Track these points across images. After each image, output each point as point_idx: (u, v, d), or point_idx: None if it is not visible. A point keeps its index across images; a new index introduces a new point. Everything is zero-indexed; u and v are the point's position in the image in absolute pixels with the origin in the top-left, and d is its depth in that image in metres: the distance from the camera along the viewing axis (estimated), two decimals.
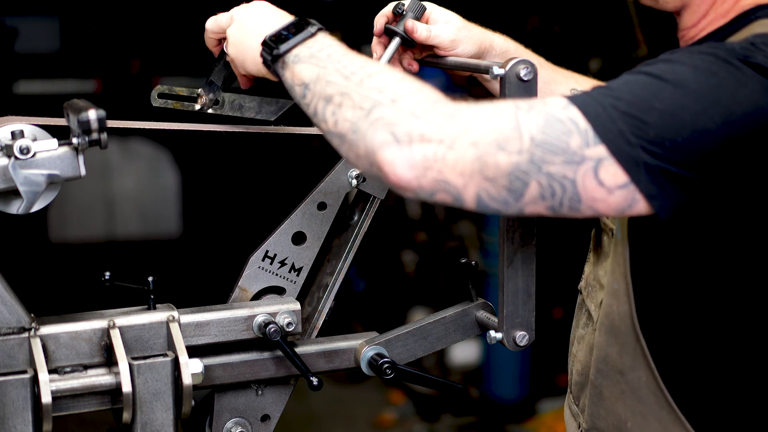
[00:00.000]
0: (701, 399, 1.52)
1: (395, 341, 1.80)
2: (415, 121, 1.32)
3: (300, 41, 1.51)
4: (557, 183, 1.33)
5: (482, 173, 1.32)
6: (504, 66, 1.59)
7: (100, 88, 7.11)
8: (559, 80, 1.91)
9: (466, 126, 1.31)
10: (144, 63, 7.28)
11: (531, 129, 1.32)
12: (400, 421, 5.09)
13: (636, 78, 1.38)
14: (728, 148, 1.34)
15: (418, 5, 1.82)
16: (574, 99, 1.36)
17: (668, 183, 1.35)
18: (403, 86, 1.37)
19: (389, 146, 1.32)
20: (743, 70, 1.36)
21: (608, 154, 1.33)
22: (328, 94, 1.42)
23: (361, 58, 1.46)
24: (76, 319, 1.65)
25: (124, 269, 1.72)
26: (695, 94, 1.34)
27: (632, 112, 1.34)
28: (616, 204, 1.35)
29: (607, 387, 1.61)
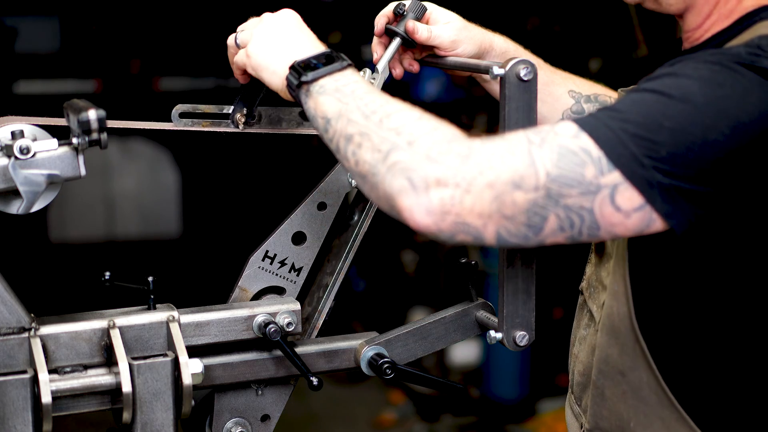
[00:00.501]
0: (704, 396, 1.53)
1: (395, 341, 1.80)
2: (431, 165, 1.32)
3: (328, 73, 1.50)
4: (575, 214, 1.34)
5: (500, 212, 1.33)
6: (504, 66, 1.59)
7: (100, 88, 7.11)
8: (557, 81, 1.91)
9: (481, 167, 1.32)
10: (144, 63, 7.28)
11: (545, 164, 1.32)
12: (400, 421, 5.09)
13: (642, 97, 1.37)
14: (738, 156, 1.35)
15: (419, 6, 1.82)
16: (583, 124, 1.36)
17: (683, 200, 1.35)
18: (420, 127, 1.38)
19: (407, 193, 1.33)
20: (749, 77, 1.36)
21: (623, 179, 1.34)
22: (348, 133, 1.43)
23: (383, 97, 1.46)
24: (76, 319, 1.65)
25: (124, 269, 1.72)
26: (703, 108, 1.34)
27: (642, 134, 1.33)
28: (634, 226, 1.36)
29: (609, 387, 1.61)
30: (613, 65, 4.99)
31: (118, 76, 7.20)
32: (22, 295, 1.62)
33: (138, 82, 7.18)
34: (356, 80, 1.50)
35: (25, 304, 1.61)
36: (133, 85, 7.17)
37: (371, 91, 1.47)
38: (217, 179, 7.03)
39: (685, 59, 1.42)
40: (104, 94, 7.00)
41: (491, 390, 5.04)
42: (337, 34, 6.26)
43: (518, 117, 1.60)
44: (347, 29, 6.18)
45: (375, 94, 1.46)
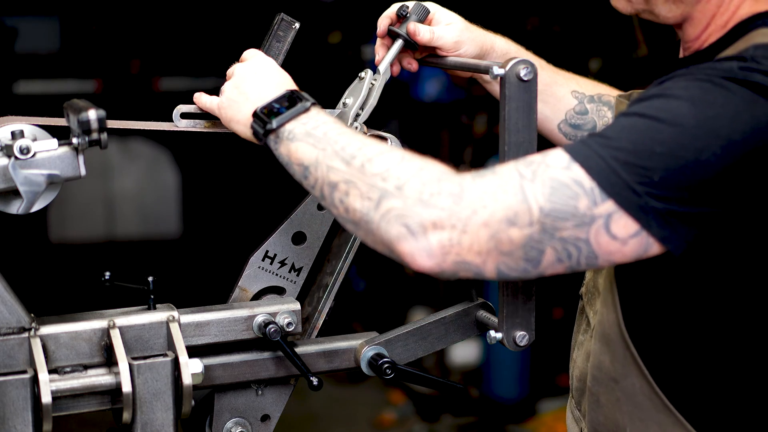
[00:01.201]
0: (699, 399, 1.52)
1: (395, 341, 1.80)
2: (425, 209, 1.34)
3: (293, 116, 1.52)
4: (572, 246, 1.35)
5: (498, 249, 1.34)
6: (504, 66, 1.59)
7: (100, 88, 7.11)
8: (560, 82, 1.91)
9: (474, 206, 1.33)
10: (144, 63, 7.28)
11: (538, 199, 1.33)
12: (400, 421, 5.09)
13: (632, 123, 1.37)
14: (732, 173, 1.35)
15: (422, 8, 1.83)
16: (575, 154, 1.36)
17: (679, 222, 1.35)
18: (406, 169, 1.38)
19: (405, 239, 1.34)
20: (740, 94, 1.36)
21: (617, 208, 1.34)
22: (332, 180, 1.44)
23: (356, 137, 1.47)
24: (76, 319, 1.65)
25: (124, 269, 1.72)
26: (693, 130, 1.34)
27: (634, 161, 1.34)
28: (632, 252, 1.37)
29: (604, 394, 1.61)
30: (613, 65, 4.99)
31: (118, 76, 7.19)
32: (22, 295, 1.62)
33: (138, 82, 7.18)
34: (324, 120, 1.52)
35: (25, 304, 1.61)
36: (133, 85, 7.16)
37: (343, 132, 1.48)
38: (217, 179, 7.03)
39: (677, 76, 1.41)
40: (104, 94, 7.00)
41: (491, 390, 5.04)
42: (337, 34, 6.26)
43: (518, 117, 1.60)
44: (347, 29, 6.18)
45: (348, 136, 1.47)
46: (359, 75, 1.84)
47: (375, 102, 1.82)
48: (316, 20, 6.13)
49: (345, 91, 1.85)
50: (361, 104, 1.82)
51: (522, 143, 1.61)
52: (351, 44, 5.97)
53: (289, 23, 1.78)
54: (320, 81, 5.87)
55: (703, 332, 1.50)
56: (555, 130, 1.92)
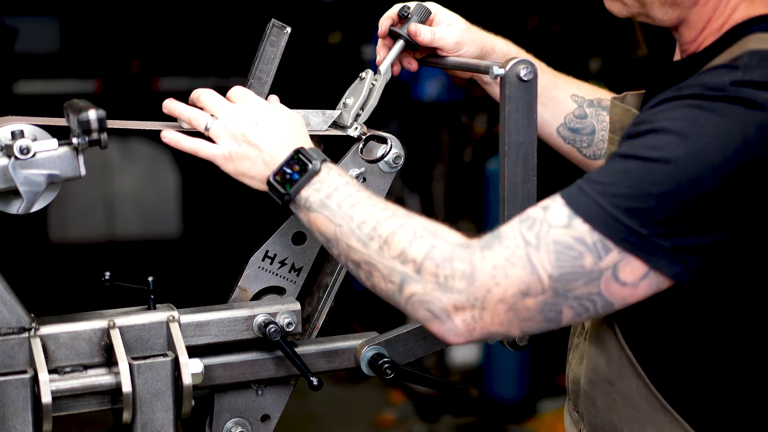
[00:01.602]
0: (695, 398, 1.52)
1: (395, 341, 1.80)
2: (444, 294, 1.41)
3: (306, 183, 1.57)
4: (586, 301, 1.40)
5: (518, 318, 1.41)
6: (504, 66, 1.59)
7: (100, 88, 7.10)
8: (559, 85, 1.91)
9: (488, 286, 1.39)
10: (144, 63, 7.28)
11: (546, 267, 1.38)
12: (400, 421, 5.09)
13: (625, 166, 1.38)
14: (732, 193, 1.36)
15: (424, 9, 1.83)
16: (575, 206, 1.39)
17: (688, 255, 1.37)
18: (419, 249, 1.44)
19: (432, 322, 1.43)
20: (731, 114, 1.36)
21: (623, 255, 1.37)
22: (354, 259, 1.51)
23: (368, 207, 1.51)
24: (76, 319, 1.65)
25: (124, 269, 1.72)
26: (685, 164, 1.35)
27: (633, 205, 1.36)
28: (644, 292, 1.40)
29: (600, 397, 1.60)
30: (613, 65, 4.99)
31: (118, 76, 7.19)
32: (22, 295, 1.62)
33: (138, 82, 7.17)
34: (336, 185, 1.55)
35: (25, 304, 1.61)
36: (133, 85, 7.16)
37: (355, 202, 1.52)
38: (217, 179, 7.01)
39: (666, 102, 1.41)
40: (104, 94, 6.99)
41: (491, 390, 5.04)
42: (337, 34, 6.26)
43: (518, 117, 1.60)
44: (347, 29, 6.18)
45: (361, 207, 1.52)
46: (360, 75, 1.84)
47: (375, 102, 1.82)
48: (316, 20, 6.13)
49: (345, 91, 1.85)
50: (361, 104, 1.82)
51: (522, 143, 1.61)
52: (351, 44, 5.97)
53: (281, 28, 1.79)
54: (320, 81, 5.87)
55: (699, 331, 1.50)
56: (554, 133, 1.92)
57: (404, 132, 5.59)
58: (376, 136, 1.81)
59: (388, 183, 1.82)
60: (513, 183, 1.61)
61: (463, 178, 5.50)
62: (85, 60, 7.23)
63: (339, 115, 1.82)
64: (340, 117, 1.82)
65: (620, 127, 1.61)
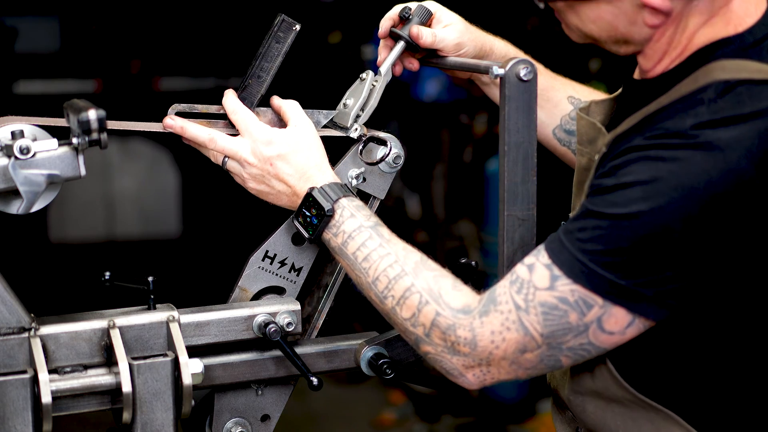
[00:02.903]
0: (686, 398, 1.53)
1: (395, 341, 1.80)
2: (453, 356, 1.53)
3: (323, 228, 1.67)
4: (580, 350, 1.49)
5: (522, 368, 1.52)
6: (504, 66, 1.59)
7: (100, 88, 7.10)
8: (557, 87, 1.92)
9: (489, 349, 1.51)
10: (144, 63, 7.28)
11: (536, 327, 1.48)
12: (400, 421, 5.09)
13: (597, 223, 1.44)
14: (704, 229, 1.40)
15: (425, 10, 1.82)
16: (558, 262, 1.46)
17: (674, 295, 1.43)
18: (427, 315, 1.55)
19: (448, 375, 1.57)
20: (693, 162, 1.39)
21: (606, 308, 1.45)
22: (376, 308, 1.63)
23: (380, 262, 1.61)
24: (76, 319, 1.65)
25: (124, 269, 1.72)
26: (652, 218, 1.40)
27: (610, 259, 1.43)
28: (632, 335, 1.48)
29: (590, 402, 1.62)
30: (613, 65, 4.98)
31: (118, 76, 7.19)
32: (22, 295, 1.62)
33: (138, 82, 7.18)
34: (349, 231, 1.64)
35: (25, 304, 1.61)
36: (133, 85, 7.16)
37: (368, 255, 1.62)
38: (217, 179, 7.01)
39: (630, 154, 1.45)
40: (104, 94, 7.00)
41: (491, 390, 5.03)
42: (337, 34, 6.26)
43: (518, 117, 1.60)
44: (347, 29, 6.18)
45: (373, 261, 1.61)
46: (360, 76, 1.84)
47: (375, 104, 1.82)
48: (316, 20, 6.13)
49: (346, 92, 1.85)
50: (361, 105, 1.81)
51: (522, 143, 1.61)
52: (351, 44, 5.97)
53: (290, 25, 1.77)
54: (320, 81, 5.88)
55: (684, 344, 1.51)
56: (550, 135, 1.93)
57: (404, 132, 5.59)
58: (375, 138, 1.81)
59: (388, 183, 1.82)
60: (513, 183, 1.61)
61: (463, 178, 5.50)
62: (85, 60, 7.23)
63: (339, 115, 1.82)
64: (340, 118, 1.82)
65: (587, 139, 1.63)
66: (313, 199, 1.67)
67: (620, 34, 1.53)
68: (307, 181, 1.70)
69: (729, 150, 1.38)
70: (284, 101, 1.78)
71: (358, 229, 1.64)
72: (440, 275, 1.57)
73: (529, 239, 1.63)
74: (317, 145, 1.73)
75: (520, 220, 1.63)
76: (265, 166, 1.71)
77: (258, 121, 1.73)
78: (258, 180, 1.73)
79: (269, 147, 1.71)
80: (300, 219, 1.70)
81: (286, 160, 1.70)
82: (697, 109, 1.42)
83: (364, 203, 1.70)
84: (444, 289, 1.55)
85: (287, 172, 1.71)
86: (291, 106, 1.76)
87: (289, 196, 1.72)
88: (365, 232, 1.63)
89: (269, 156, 1.71)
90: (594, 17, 1.53)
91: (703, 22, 1.50)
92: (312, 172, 1.70)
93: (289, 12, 1.80)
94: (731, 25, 1.50)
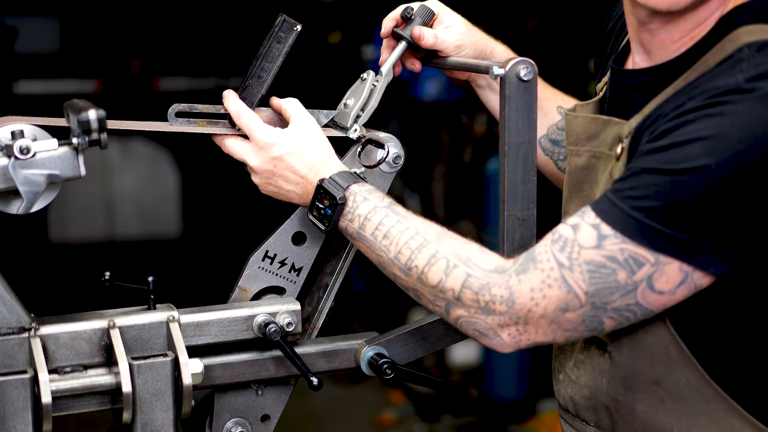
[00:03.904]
0: (752, 383, 1.53)
1: (395, 341, 1.80)
2: (488, 316, 1.50)
3: (338, 217, 1.66)
4: (626, 311, 1.46)
5: (561, 329, 1.49)
6: (504, 66, 1.59)
7: (100, 88, 7.10)
8: (548, 97, 1.94)
9: (528, 306, 1.47)
10: (144, 63, 7.28)
11: (581, 285, 1.45)
12: (400, 421, 5.09)
13: (654, 180, 1.42)
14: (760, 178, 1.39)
15: (427, 11, 1.82)
16: (610, 220, 1.44)
17: (731, 252, 1.41)
18: (456, 278, 1.51)
19: (481, 338, 1.53)
20: (754, 113, 1.38)
21: (657, 266, 1.42)
22: (402, 285, 1.60)
23: (401, 234, 1.58)
24: (76, 319, 1.65)
25: (124, 269, 1.72)
26: (718, 172, 1.39)
27: (669, 215, 1.41)
28: (683, 296, 1.46)
29: (642, 400, 1.58)
30: None
31: (118, 76, 7.19)
32: (22, 295, 1.62)
33: (138, 82, 7.18)
34: (364, 214, 1.63)
35: (25, 304, 1.61)
36: (133, 85, 7.16)
37: (387, 232, 1.60)
38: (217, 179, 7.02)
39: (686, 116, 1.43)
40: (104, 94, 7.00)
41: (491, 390, 5.04)
42: (338, 34, 6.26)
43: (518, 117, 1.60)
44: (347, 29, 6.18)
45: (393, 236, 1.59)
46: (361, 76, 1.84)
47: (376, 104, 1.82)
48: (316, 20, 6.12)
49: (346, 92, 1.85)
50: (362, 105, 1.81)
51: (522, 143, 1.61)
52: (351, 44, 5.97)
53: (291, 25, 1.77)
54: (320, 81, 5.87)
55: (750, 316, 1.51)
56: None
57: (404, 132, 5.59)
58: (374, 141, 1.81)
59: (388, 183, 1.82)
60: (513, 183, 1.61)
61: (463, 178, 5.50)
62: (85, 60, 7.23)
63: (340, 115, 1.82)
64: (341, 118, 1.82)
65: (585, 137, 1.63)
66: (324, 190, 1.67)
67: None
68: (316, 175, 1.70)
69: None
70: (284, 99, 1.78)
71: (373, 210, 1.63)
72: (464, 242, 1.56)
73: (529, 239, 1.63)
74: (321, 139, 1.73)
75: (520, 220, 1.63)
76: (272, 167, 1.72)
77: (262, 124, 1.73)
78: (268, 182, 1.74)
79: (274, 148, 1.71)
80: (314, 212, 1.69)
81: (292, 159, 1.71)
82: (740, 66, 1.42)
83: (374, 187, 1.70)
84: (472, 253, 1.53)
85: (295, 170, 1.71)
86: (291, 104, 1.76)
87: (300, 194, 1.72)
88: (381, 211, 1.63)
89: (275, 157, 1.71)
90: None
91: None
92: (319, 166, 1.70)
93: (290, 12, 1.80)
94: None
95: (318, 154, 1.71)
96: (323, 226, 1.68)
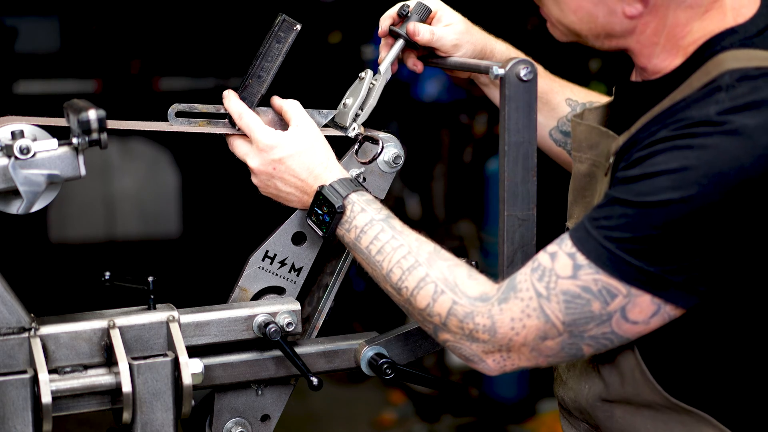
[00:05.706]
0: (721, 399, 1.53)
1: (395, 341, 1.80)
2: (472, 343, 1.52)
3: (336, 225, 1.67)
4: (602, 339, 1.48)
5: (542, 356, 1.51)
6: (504, 66, 1.59)
7: (100, 88, 7.10)
8: (555, 90, 1.92)
9: (509, 335, 1.50)
10: (144, 63, 7.28)
11: (558, 315, 1.47)
12: (400, 421, 5.09)
13: (625, 211, 1.43)
14: (732, 219, 1.39)
15: (423, 8, 1.82)
16: (584, 250, 1.45)
17: (704, 281, 1.42)
18: (443, 305, 1.54)
19: (468, 362, 1.55)
20: (723, 149, 1.38)
21: (630, 297, 1.44)
22: (393, 299, 1.63)
23: (393, 254, 1.60)
24: (76, 319, 1.65)
25: (124, 269, 1.72)
26: (683, 206, 1.39)
27: (638, 247, 1.41)
28: (657, 325, 1.47)
29: (619, 408, 1.60)
30: (613, 65, 4.98)
31: (118, 76, 7.19)
32: (22, 295, 1.62)
33: (138, 82, 7.18)
34: (360, 226, 1.64)
35: (25, 304, 1.61)
36: (133, 85, 7.16)
37: (381, 248, 1.61)
38: (217, 179, 7.03)
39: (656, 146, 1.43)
40: (104, 94, 7.00)
41: (491, 390, 5.03)
42: (338, 34, 6.26)
43: (518, 117, 1.60)
44: (347, 29, 6.18)
45: (386, 253, 1.60)
46: (359, 75, 1.84)
47: (375, 103, 1.82)
48: (316, 20, 6.12)
49: (346, 91, 1.85)
50: (360, 104, 1.81)
51: (522, 143, 1.61)
52: (351, 44, 5.96)
53: (291, 24, 1.77)
54: (320, 81, 5.87)
55: (715, 339, 1.51)
56: (546, 136, 1.93)
57: (404, 132, 5.59)
58: (370, 138, 1.81)
59: (388, 183, 1.82)
60: (513, 183, 1.61)
61: (463, 178, 5.50)
62: (85, 60, 7.23)
63: (339, 115, 1.82)
64: (340, 117, 1.82)
65: (587, 145, 1.63)
66: (323, 197, 1.68)
67: (600, 27, 1.53)
68: (316, 180, 1.70)
69: (757, 135, 1.38)
70: (285, 101, 1.78)
71: (369, 222, 1.64)
72: (455, 264, 1.57)
73: (529, 239, 1.63)
74: (321, 143, 1.73)
75: (520, 220, 1.63)
76: (271, 170, 1.72)
77: (263, 126, 1.73)
78: (268, 184, 1.74)
79: (274, 151, 1.71)
80: (313, 218, 1.70)
81: (291, 162, 1.71)
82: (716, 96, 1.42)
83: (374, 196, 1.71)
84: (459, 278, 1.55)
85: (294, 173, 1.71)
86: (292, 106, 1.76)
87: (300, 197, 1.72)
88: (377, 225, 1.63)
89: (274, 159, 1.71)
90: (575, 7, 1.53)
91: (695, 17, 1.50)
92: (319, 171, 1.70)
93: (290, 12, 1.80)
94: (729, 17, 1.51)
95: (318, 158, 1.71)
96: (321, 232, 1.69)
